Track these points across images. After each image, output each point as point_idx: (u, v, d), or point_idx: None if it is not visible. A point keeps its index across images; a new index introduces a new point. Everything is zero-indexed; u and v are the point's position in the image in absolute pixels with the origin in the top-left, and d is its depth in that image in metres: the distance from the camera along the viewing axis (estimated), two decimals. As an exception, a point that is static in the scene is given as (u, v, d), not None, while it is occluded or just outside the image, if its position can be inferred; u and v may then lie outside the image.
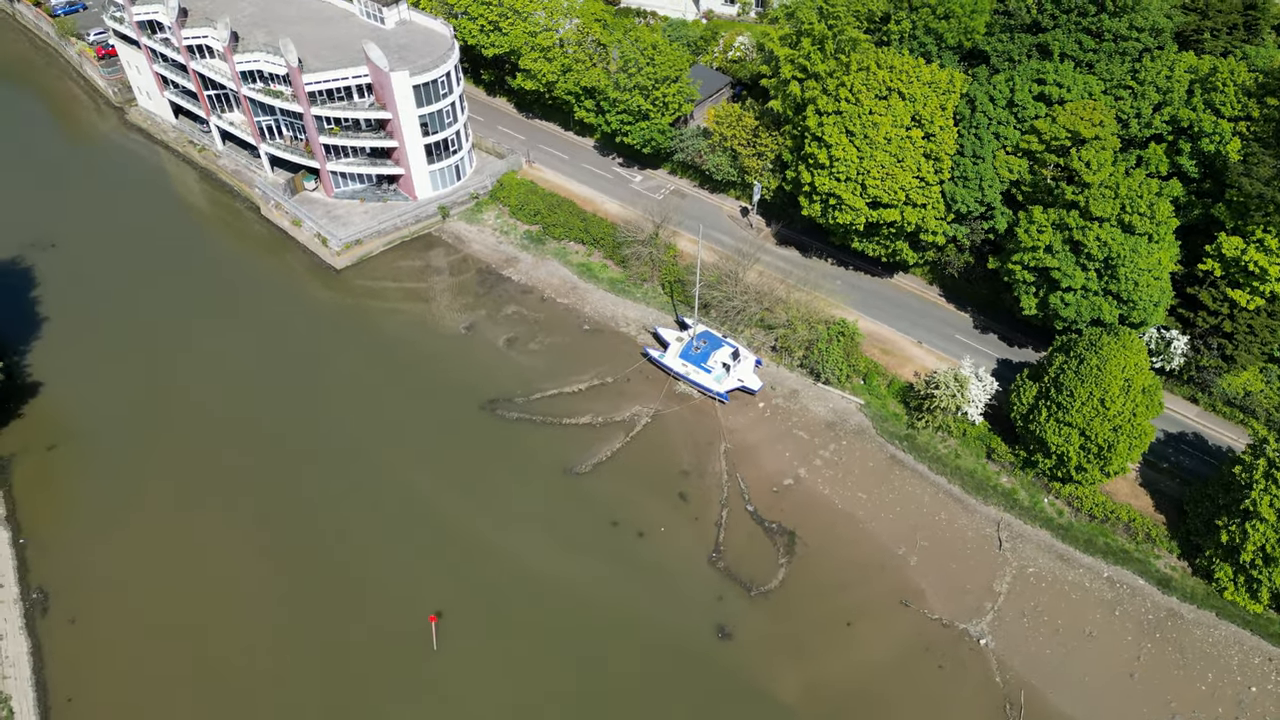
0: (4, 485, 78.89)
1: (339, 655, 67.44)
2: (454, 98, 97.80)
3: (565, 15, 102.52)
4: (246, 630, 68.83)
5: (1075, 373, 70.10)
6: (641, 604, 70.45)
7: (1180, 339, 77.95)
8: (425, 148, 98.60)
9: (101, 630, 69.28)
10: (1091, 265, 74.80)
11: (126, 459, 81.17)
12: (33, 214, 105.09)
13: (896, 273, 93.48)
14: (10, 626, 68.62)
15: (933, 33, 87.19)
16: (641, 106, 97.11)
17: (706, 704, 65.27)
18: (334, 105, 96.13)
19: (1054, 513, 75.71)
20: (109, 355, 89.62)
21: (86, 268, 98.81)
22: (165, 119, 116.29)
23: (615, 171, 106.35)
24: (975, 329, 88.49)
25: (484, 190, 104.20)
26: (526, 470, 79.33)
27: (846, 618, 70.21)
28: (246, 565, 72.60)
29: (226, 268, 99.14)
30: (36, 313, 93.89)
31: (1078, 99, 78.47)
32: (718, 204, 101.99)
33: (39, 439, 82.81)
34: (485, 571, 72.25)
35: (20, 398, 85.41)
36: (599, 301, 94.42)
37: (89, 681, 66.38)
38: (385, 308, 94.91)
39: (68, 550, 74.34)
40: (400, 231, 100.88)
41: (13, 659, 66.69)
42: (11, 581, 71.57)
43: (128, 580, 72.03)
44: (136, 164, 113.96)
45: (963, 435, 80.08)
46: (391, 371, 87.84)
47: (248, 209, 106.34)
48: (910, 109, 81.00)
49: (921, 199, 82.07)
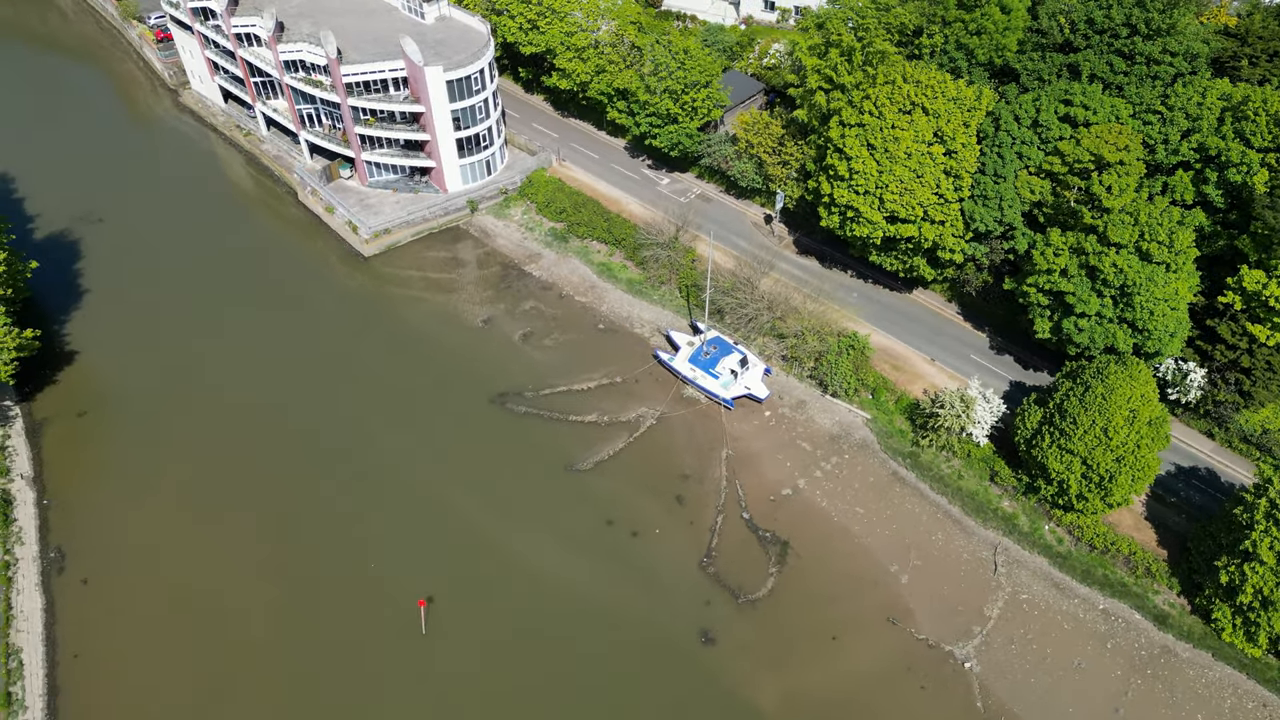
0: (35, 447, 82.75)
1: (332, 630, 69.50)
2: (486, 94, 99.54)
3: (602, 17, 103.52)
4: (247, 600, 71.26)
5: (1080, 400, 69.11)
6: (628, 603, 71.31)
7: (1197, 372, 76.23)
8: (456, 142, 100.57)
9: (112, 592, 72.38)
10: (1107, 292, 73.55)
11: (151, 429, 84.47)
12: (84, 189, 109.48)
13: (916, 288, 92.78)
14: (27, 583, 72.08)
15: (964, 48, 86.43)
16: (670, 110, 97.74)
17: (682, 706, 65.93)
18: (370, 97, 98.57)
19: (1053, 540, 74.71)
20: (143, 328, 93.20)
21: (129, 243, 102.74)
22: (215, 103, 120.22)
23: (643, 173, 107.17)
24: (991, 349, 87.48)
25: (513, 186, 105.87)
26: (529, 464, 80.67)
27: (832, 631, 70.22)
28: (252, 538, 75.12)
29: (260, 250, 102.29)
30: (79, 284, 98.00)
31: (1104, 121, 77.10)
32: (742, 210, 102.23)
33: (71, 405, 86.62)
34: (478, 560, 73.78)
35: (57, 365, 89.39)
36: (616, 301, 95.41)
37: (95, 640, 69.44)
38: (408, 296, 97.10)
39: (88, 513, 77.72)
40: (429, 223, 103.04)
41: (26, 614, 70.06)
42: (32, 540, 75.14)
43: (141, 546, 75.07)
44: (185, 145, 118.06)
45: (967, 456, 79.39)
46: (408, 359, 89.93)
47: (286, 193, 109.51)
48: (933, 124, 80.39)
49: (940, 216, 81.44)
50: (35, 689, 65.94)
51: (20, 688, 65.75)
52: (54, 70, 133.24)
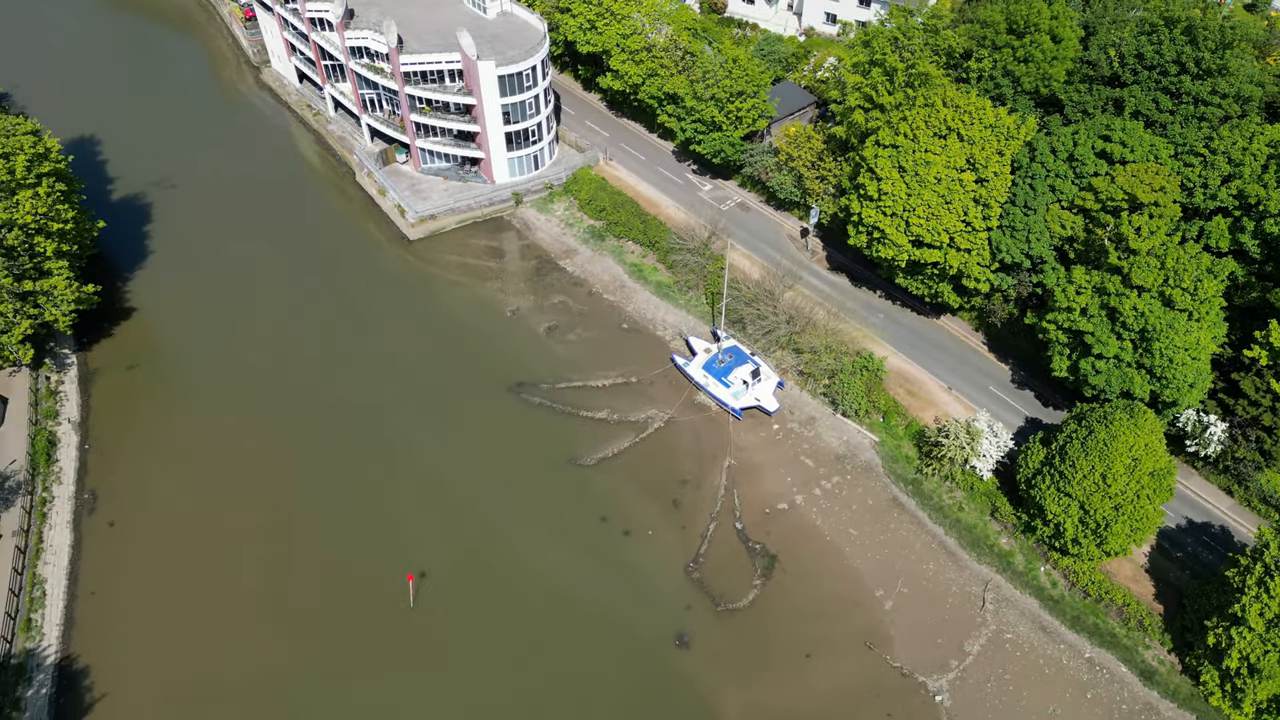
0: (85, 395, 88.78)
1: (328, 594, 72.98)
2: (538, 91, 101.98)
3: (659, 20, 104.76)
4: (254, 555, 75.36)
5: (1082, 444, 67.72)
6: (609, 598, 72.91)
7: (1218, 425, 73.60)
8: (505, 135, 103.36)
9: (134, 537, 77.42)
10: (1127, 335, 71.67)
11: (192, 387, 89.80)
12: (163, 155, 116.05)
13: (944, 314, 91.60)
14: (60, 520, 77.65)
15: (1010, 75, 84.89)
16: (715, 118, 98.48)
17: (645, 704, 67.30)
18: (426, 86, 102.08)
19: (1048, 583, 73.33)
20: (198, 290, 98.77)
21: (196, 209, 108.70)
22: (291, 82, 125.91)
23: (687, 178, 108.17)
24: (1012, 383, 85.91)
25: (559, 182, 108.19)
26: (534, 454, 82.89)
27: (807, 649, 70.51)
28: (268, 500, 79.24)
29: (314, 225, 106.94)
30: (145, 245, 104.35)
31: (1141, 160, 74.95)
32: (779, 222, 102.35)
33: (122, 358, 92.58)
34: (472, 541, 76.38)
35: (115, 319, 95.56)
36: (642, 303, 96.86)
37: (113, 580, 74.49)
38: (445, 281, 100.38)
39: (124, 461, 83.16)
40: (473, 212, 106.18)
41: (55, 549, 75.57)
42: (70, 480, 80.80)
43: (167, 497, 79.95)
44: (260, 120, 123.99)
45: (969, 489, 78.41)
46: (436, 340, 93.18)
47: (346, 173, 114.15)
48: (966, 151, 79.36)
49: (966, 244, 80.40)
50: (53, 619, 71.21)
51: (40, 616, 71.11)
52: (153, 40, 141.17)
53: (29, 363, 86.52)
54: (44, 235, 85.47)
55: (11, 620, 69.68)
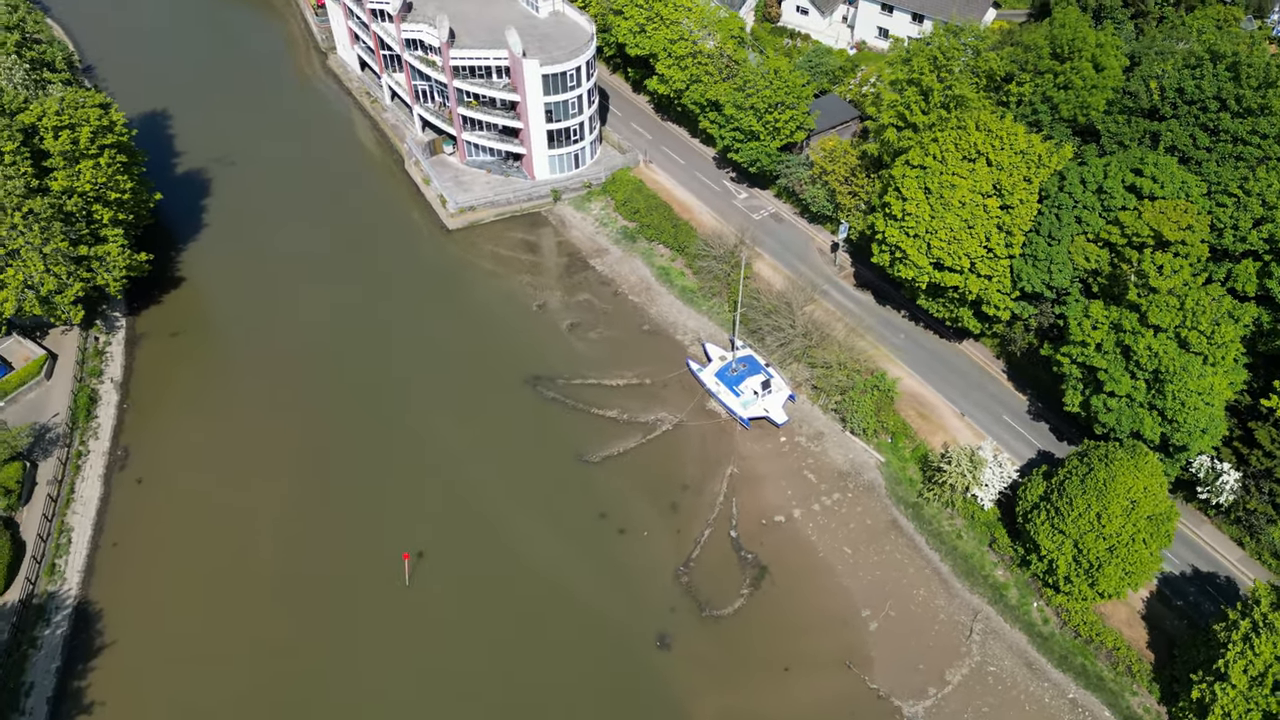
0: (129, 357, 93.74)
1: (331, 565, 75.96)
2: (581, 91, 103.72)
3: (706, 28, 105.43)
4: (269, 524, 78.71)
5: (1080, 481, 66.65)
6: (597, 593, 74.32)
7: (1232, 474, 71.49)
8: (547, 133, 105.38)
9: (159, 495, 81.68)
10: (1141, 374, 70.10)
11: (229, 358, 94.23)
12: (227, 133, 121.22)
13: (966, 339, 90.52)
14: (92, 473, 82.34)
15: (1049, 101, 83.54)
16: (753, 127, 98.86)
17: (619, 700, 68.56)
18: (474, 81, 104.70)
19: (1039, 619, 72.26)
20: (245, 264, 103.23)
21: (252, 186, 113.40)
22: (353, 69, 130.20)
23: (724, 185, 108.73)
24: (1027, 414, 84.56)
25: (597, 181, 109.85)
26: (542, 447, 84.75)
27: (786, 662, 70.86)
28: (285, 472, 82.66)
29: (360, 210, 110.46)
30: (201, 219, 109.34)
31: (1171, 197, 73.11)
32: (811, 235, 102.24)
33: (168, 325, 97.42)
34: (470, 526, 78.52)
35: (165, 287, 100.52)
36: (666, 306, 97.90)
37: (135, 534, 78.77)
38: (477, 271, 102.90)
39: (158, 422, 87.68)
40: (512, 206, 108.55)
41: (85, 500, 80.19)
42: (106, 436, 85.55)
43: (193, 460, 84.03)
44: (322, 104, 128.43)
45: (970, 518, 77.60)
46: (461, 328, 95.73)
47: (396, 161, 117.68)
48: (994, 176, 78.42)
49: (987, 270, 79.48)
50: (76, 565, 75.72)
51: (64, 562, 75.68)
52: (234, 22, 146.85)
53: (79, 323, 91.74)
54: (102, 204, 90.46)
55: (37, 564, 74.34)
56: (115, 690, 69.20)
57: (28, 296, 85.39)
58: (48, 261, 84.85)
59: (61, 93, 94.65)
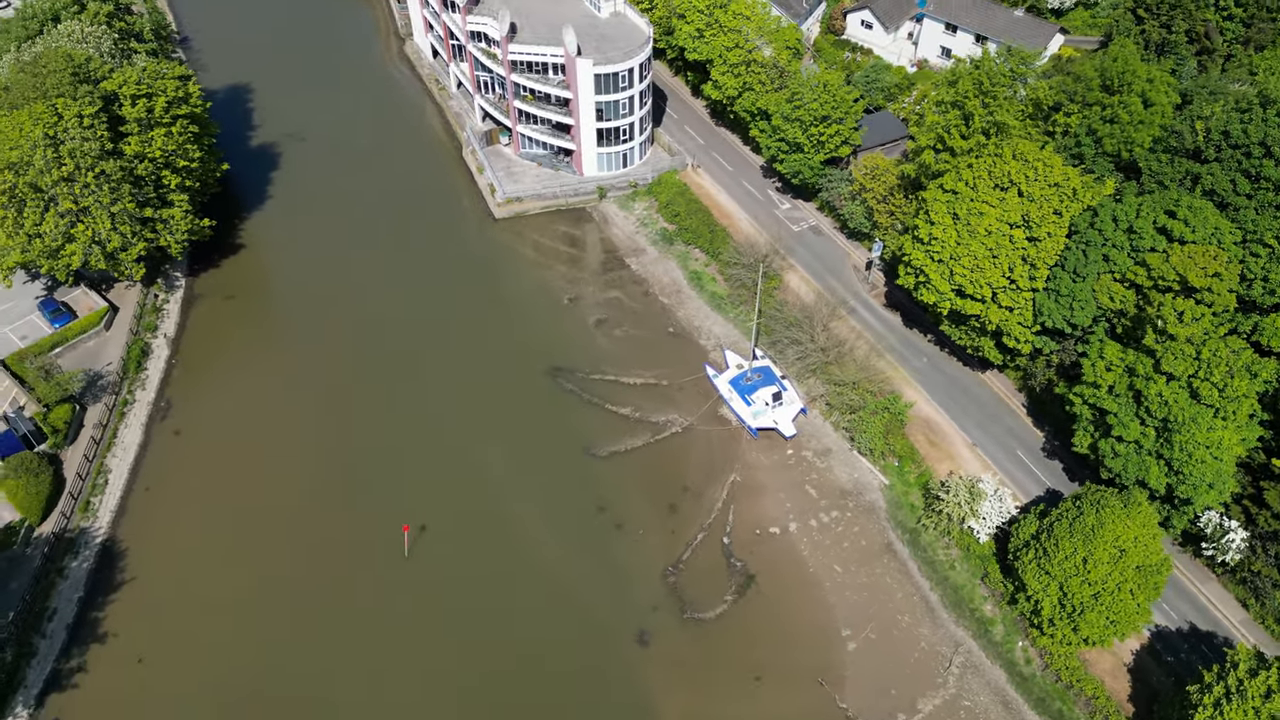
0: (184, 315, 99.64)
1: (341, 530, 79.63)
2: (633, 92, 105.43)
3: (762, 36, 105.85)
4: (291, 484, 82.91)
5: (1070, 524, 65.64)
6: (584, 583, 76.27)
7: (1239, 533, 69.18)
8: (597, 131, 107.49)
9: (193, 446, 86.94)
10: (1150, 422, 68.43)
11: (276, 324, 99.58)
12: (302, 110, 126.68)
13: (990, 370, 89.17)
14: (135, 420, 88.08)
15: (1094, 134, 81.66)
16: (797, 139, 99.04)
17: (591, 689, 70.40)
18: (530, 75, 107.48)
19: (1022, 659, 71.30)
20: (302, 236, 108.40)
21: (317, 163, 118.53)
22: (426, 56, 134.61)
23: (768, 195, 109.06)
24: (1042, 451, 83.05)
25: (644, 182, 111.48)
26: (552, 436, 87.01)
27: (759, 672, 71.61)
28: (315, 436, 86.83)
29: (414, 191, 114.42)
30: (266, 190, 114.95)
31: (1202, 242, 70.90)
32: (848, 251, 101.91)
33: (223, 288, 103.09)
34: (474, 506, 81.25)
35: (224, 252, 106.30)
36: (694, 310, 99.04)
37: (167, 481, 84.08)
38: (516, 261, 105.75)
39: (202, 379, 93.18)
40: (558, 200, 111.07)
41: (125, 445, 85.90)
42: (153, 388, 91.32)
43: (230, 418, 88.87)
44: (393, 88, 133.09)
45: (966, 549, 76.84)
46: (492, 314, 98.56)
47: (455, 147, 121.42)
48: (1023, 207, 77.23)
49: (1009, 301, 78.35)
50: (109, 505, 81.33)
51: (98, 501, 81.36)
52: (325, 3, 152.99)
53: (140, 280, 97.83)
54: (171, 170, 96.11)
55: (73, 500, 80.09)
56: (129, 623, 74.25)
57: (94, 251, 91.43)
58: (115, 220, 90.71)
59: (144, 63, 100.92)
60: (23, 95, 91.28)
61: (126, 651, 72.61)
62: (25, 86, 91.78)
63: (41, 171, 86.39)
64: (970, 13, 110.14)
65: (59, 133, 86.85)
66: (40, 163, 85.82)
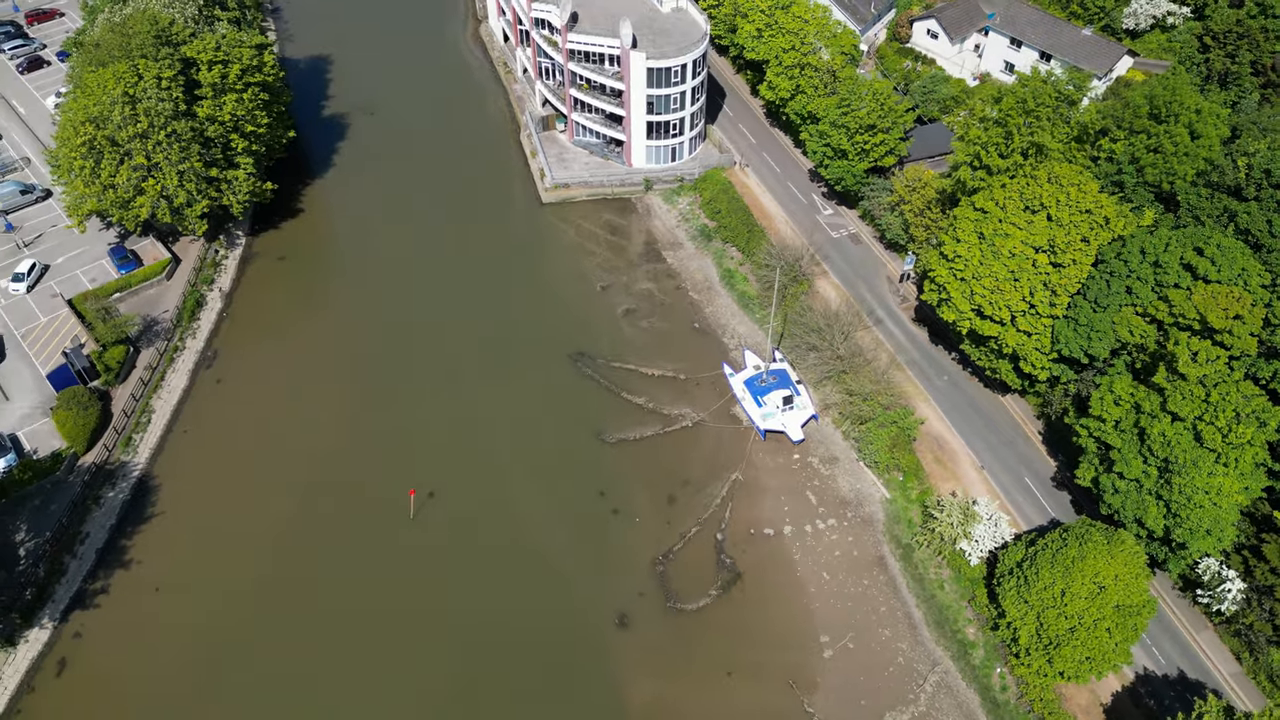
0: (240, 272, 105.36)
1: (354, 491, 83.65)
2: (685, 88, 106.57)
3: (817, 40, 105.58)
4: (319, 436, 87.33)
5: (1052, 555, 64.89)
6: (574, 562, 78.55)
7: (1236, 583, 67.13)
8: (647, 124, 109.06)
9: (231, 395, 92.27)
10: (1152, 461, 66.93)
11: (322, 286, 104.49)
12: (375, 83, 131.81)
13: (1010, 393, 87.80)
14: (183, 367, 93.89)
15: (1136, 162, 79.55)
16: (842, 145, 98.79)
17: (564, 663, 72.64)
18: (586, 65, 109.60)
19: (997, 685, 70.74)
20: (358, 205, 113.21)
21: (382, 136, 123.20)
22: (498, 39, 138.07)
23: (812, 199, 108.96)
24: (1051, 481, 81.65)
25: (690, 177, 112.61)
26: (566, 418, 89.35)
27: (731, 668, 72.77)
28: (345, 395, 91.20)
29: (469, 171, 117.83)
30: (332, 159, 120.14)
31: (1228, 282, 68.68)
32: (884, 261, 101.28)
33: (278, 249, 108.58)
34: (480, 477, 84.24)
35: (284, 215, 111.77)
36: (722, 307, 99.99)
37: (203, 426, 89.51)
38: (555, 245, 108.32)
39: (248, 333, 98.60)
40: (604, 189, 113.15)
41: (170, 389, 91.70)
42: (202, 338, 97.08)
43: (269, 372, 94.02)
44: (463, 69, 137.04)
45: (957, 571, 76.34)
46: (525, 295, 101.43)
47: (514, 131, 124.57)
48: (1050, 232, 75.90)
49: (1028, 326, 77.19)
50: (149, 443, 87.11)
51: (139, 438, 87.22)
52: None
53: (203, 235, 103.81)
54: (239, 134, 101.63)
55: (116, 435, 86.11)
56: (152, 553, 79.67)
57: (161, 205, 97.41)
58: (182, 178, 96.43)
59: (224, 30, 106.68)
60: (110, 53, 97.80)
61: (146, 579, 78.01)
62: (113, 45, 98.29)
63: (119, 126, 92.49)
64: (1036, 29, 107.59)
65: (138, 92, 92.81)
66: (118, 118, 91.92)
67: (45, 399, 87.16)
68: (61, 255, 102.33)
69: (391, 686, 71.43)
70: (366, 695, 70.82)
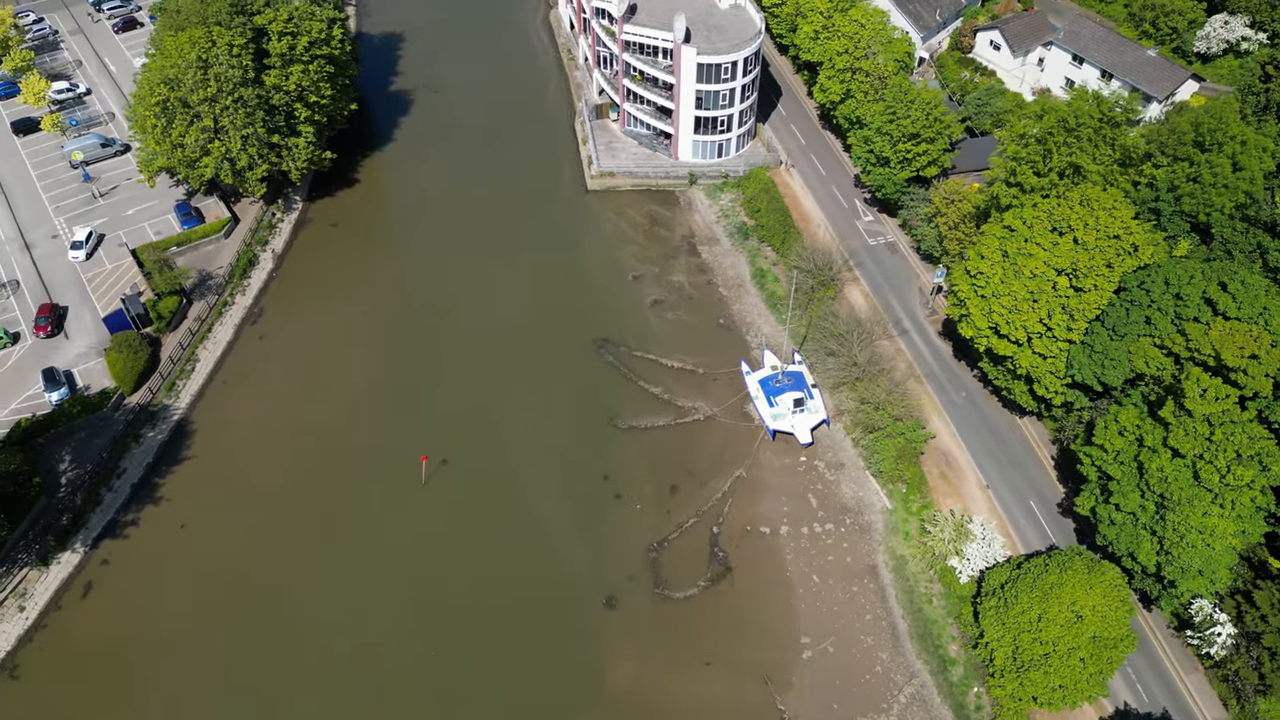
0: (293, 235, 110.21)
1: (377, 451, 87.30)
2: (735, 85, 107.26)
3: (871, 45, 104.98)
4: (348, 399, 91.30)
5: (1033, 580, 64.54)
6: (571, 542, 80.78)
7: (1226, 627, 65.62)
8: (695, 119, 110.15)
9: (272, 352, 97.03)
10: (1150, 495, 65.83)
11: (370, 254, 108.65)
12: (442, 62, 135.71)
13: (1028, 416, 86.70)
14: (230, 321, 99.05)
15: (1174, 190, 77.65)
16: (884, 153, 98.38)
17: (547, 636, 74.99)
18: (640, 57, 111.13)
19: (972, 704, 70.62)
20: (413, 179, 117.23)
21: (444, 113, 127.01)
22: (565, 26, 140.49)
23: (854, 204, 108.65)
24: (1056, 507, 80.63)
25: (735, 174, 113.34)
26: (582, 401, 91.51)
27: (710, 658, 74.18)
28: (376, 362, 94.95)
29: (521, 154, 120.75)
30: (393, 134, 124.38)
31: (1248, 320, 66.80)
32: (918, 272, 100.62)
33: (332, 216, 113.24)
34: (491, 449, 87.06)
35: (340, 184, 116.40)
36: (749, 306, 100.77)
37: (241, 376, 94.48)
38: (594, 233, 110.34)
39: (295, 293, 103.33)
40: (648, 180, 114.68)
41: (216, 341, 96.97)
42: (251, 295, 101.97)
43: (308, 332, 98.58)
44: (529, 53, 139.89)
45: (947, 587, 76.18)
46: (557, 278, 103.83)
47: (569, 116, 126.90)
48: (1074, 255, 74.76)
49: (1043, 348, 76.28)
50: (191, 390, 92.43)
51: (182, 384, 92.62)
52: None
53: (262, 197, 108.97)
54: (303, 103, 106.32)
55: (162, 379, 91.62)
56: (182, 493, 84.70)
57: (224, 167, 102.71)
58: (245, 142, 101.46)
59: (297, 3, 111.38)
60: (189, 19, 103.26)
61: (174, 517, 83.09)
62: (191, 11, 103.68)
63: (191, 89, 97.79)
64: (1100, 46, 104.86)
65: (210, 57, 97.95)
66: (190, 81, 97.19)
67: (100, 340, 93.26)
68: (133, 208, 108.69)
69: (373, 623, 75.00)
70: (357, 633, 74.39)
